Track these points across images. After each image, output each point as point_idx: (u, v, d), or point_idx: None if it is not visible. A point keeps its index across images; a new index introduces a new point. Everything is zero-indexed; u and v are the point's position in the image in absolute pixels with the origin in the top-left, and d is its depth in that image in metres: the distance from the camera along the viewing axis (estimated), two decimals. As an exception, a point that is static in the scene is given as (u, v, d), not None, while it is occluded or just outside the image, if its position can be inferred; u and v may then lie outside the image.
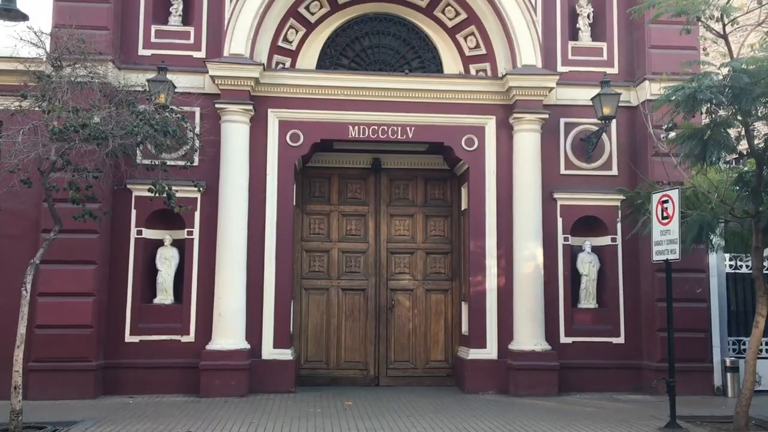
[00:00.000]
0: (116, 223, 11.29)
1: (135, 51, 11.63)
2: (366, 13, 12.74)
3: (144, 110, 9.79)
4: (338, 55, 12.72)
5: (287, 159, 11.78)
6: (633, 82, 12.13)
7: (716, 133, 8.84)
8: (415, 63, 12.78)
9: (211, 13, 11.76)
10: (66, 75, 9.53)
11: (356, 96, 11.89)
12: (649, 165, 11.53)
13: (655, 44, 11.74)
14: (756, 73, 8.41)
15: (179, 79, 11.22)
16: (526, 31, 11.82)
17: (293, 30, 12.32)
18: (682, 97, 8.63)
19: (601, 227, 12.04)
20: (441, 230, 13.14)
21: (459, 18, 12.44)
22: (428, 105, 11.99)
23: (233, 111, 11.40)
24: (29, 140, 9.00)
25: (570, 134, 12.15)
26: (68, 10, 10.80)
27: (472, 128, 12.07)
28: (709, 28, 9.16)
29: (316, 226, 12.99)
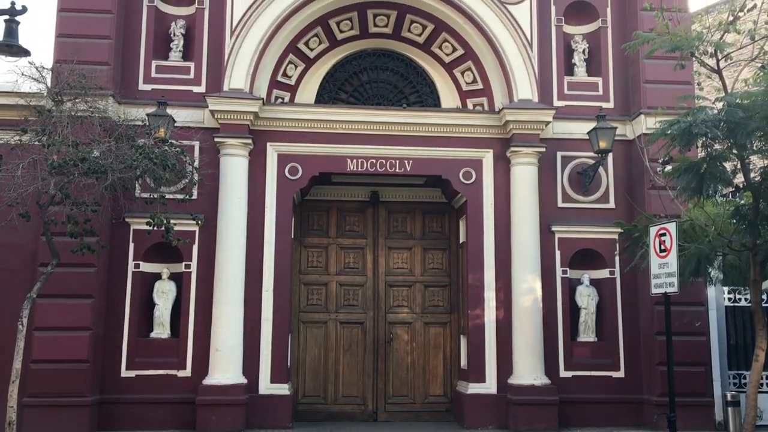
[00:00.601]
0: (114, 257, 11.26)
1: (135, 86, 11.74)
2: (364, 49, 12.91)
3: (143, 144, 9.86)
4: (337, 90, 12.85)
5: (286, 192, 11.82)
6: (629, 116, 12.24)
7: (712, 166, 8.89)
8: (412, 97, 12.90)
9: (212, 49, 11.90)
10: (66, 109, 9.64)
11: (354, 130, 11.98)
12: (646, 198, 11.58)
13: (649, 79, 11.88)
14: (750, 107, 8.50)
15: (179, 114, 11.30)
16: (522, 66, 11.96)
17: (292, 65, 12.46)
18: (677, 131, 8.71)
19: (599, 260, 12.03)
20: (439, 263, 13.12)
21: (456, 53, 12.60)
22: (426, 138, 12.07)
23: (232, 145, 11.47)
24: (28, 174, 9.05)
25: (567, 167, 12.21)
26: (70, 46, 10.92)
27: (469, 161, 12.14)
28: (704, 63, 9.27)
29: (314, 259, 12.98)
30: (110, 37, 11.37)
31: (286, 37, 12.02)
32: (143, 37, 11.87)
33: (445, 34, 12.46)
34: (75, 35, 11.19)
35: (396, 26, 12.63)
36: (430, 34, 12.61)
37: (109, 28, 11.36)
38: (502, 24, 11.99)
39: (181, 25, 12.07)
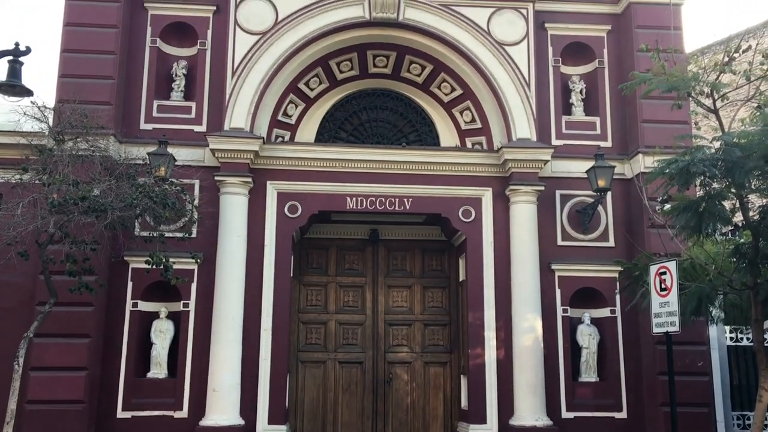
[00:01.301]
0: (112, 296, 11.20)
1: (137, 125, 11.83)
2: (364, 89, 13.04)
3: (144, 183, 9.89)
4: (337, 129, 12.95)
5: (285, 230, 11.81)
6: (627, 155, 12.31)
7: (711, 205, 8.89)
8: (412, 136, 13.00)
9: (213, 89, 12.02)
10: (67, 149, 9.68)
11: (354, 168, 12.03)
12: (646, 236, 11.57)
13: (647, 118, 11.97)
14: (748, 146, 8.54)
15: (180, 153, 11.35)
16: (520, 105, 12.07)
17: (293, 105, 12.58)
18: (675, 170, 8.73)
19: (599, 299, 11.98)
20: (439, 301, 13.06)
21: (455, 93, 12.73)
22: (425, 177, 12.12)
23: (232, 183, 11.50)
24: (28, 213, 9.06)
25: (566, 206, 12.23)
26: (72, 86, 11.03)
27: (469, 200, 12.16)
28: (700, 103, 9.35)
29: (314, 298, 12.91)
30: (113, 78, 11.49)
31: (287, 77, 12.15)
32: (145, 77, 11.99)
33: (444, 74, 12.61)
34: (77, 75, 11.32)
35: (395, 67, 12.78)
36: (429, 75, 12.76)
37: (111, 69, 11.49)
38: (500, 64, 12.14)
39: (183, 65, 12.22)
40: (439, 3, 12.17)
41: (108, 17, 11.62)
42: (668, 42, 10.54)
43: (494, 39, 12.18)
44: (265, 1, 11.99)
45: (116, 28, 11.63)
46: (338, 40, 12.21)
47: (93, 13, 11.60)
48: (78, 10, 11.65)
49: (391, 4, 11.96)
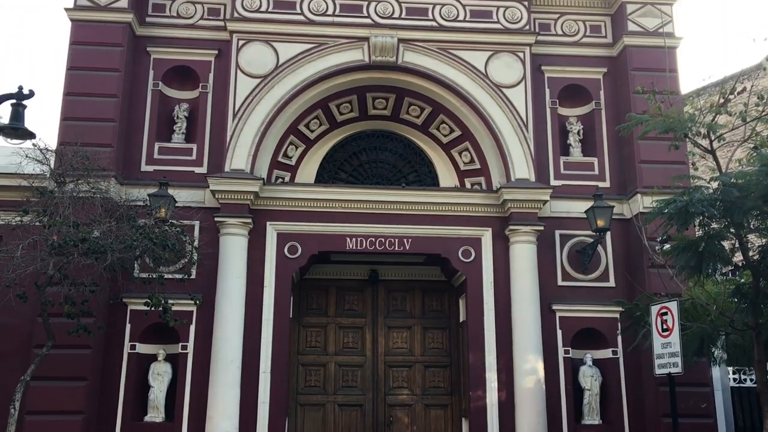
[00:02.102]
0: (110, 338, 11.12)
1: (138, 167, 11.89)
2: (364, 130, 13.17)
3: (144, 224, 9.91)
4: (336, 170, 13.02)
5: (285, 271, 11.79)
6: (625, 195, 12.35)
7: (710, 245, 8.91)
8: (411, 177, 13.07)
9: (214, 131, 12.12)
10: (68, 190, 9.72)
11: (354, 209, 12.06)
12: (646, 277, 11.54)
13: (644, 159, 12.05)
14: (745, 186, 8.60)
15: (180, 194, 11.39)
16: (518, 146, 12.17)
17: (293, 146, 12.68)
18: (674, 210, 8.77)
19: (601, 340, 11.89)
20: (439, 343, 12.96)
21: (453, 135, 12.84)
22: (425, 217, 12.15)
23: (232, 224, 11.52)
24: (28, 255, 9.06)
25: (566, 246, 12.23)
26: (74, 129, 11.12)
27: (468, 240, 12.17)
28: (697, 144, 9.44)
29: (313, 339, 12.82)
30: (114, 120, 11.60)
31: (287, 119, 12.28)
32: (147, 120, 12.11)
33: (442, 116, 12.74)
34: (80, 118, 11.44)
35: (395, 109, 12.93)
36: (428, 116, 12.89)
37: (113, 111, 11.62)
38: (498, 106, 12.27)
39: (184, 108, 12.35)
40: (437, 47, 12.36)
41: (111, 61, 11.79)
42: (664, 84, 10.67)
43: (492, 81, 12.34)
44: (267, 46, 12.18)
45: (119, 72, 11.79)
46: (338, 82, 12.37)
47: (96, 57, 11.78)
48: (81, 55, 11.83)
49: (390, 48, 12.15)
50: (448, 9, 12.58)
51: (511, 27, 12.57)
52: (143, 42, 12.33)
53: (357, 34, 12.27)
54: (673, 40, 12.58)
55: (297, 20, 12.32)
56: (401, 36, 12.25)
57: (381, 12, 12.46)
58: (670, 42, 12.32)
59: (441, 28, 12.48)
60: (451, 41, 12.43)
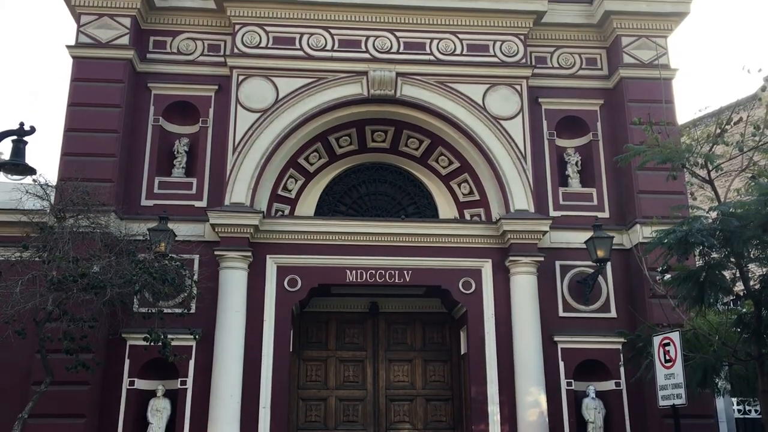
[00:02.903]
0: (108, 374, 11.02)
1: (138, 201, 11.92)
2: (363, 163, 13.23)
3: (144, 259, 9.89)
4: (336, 202, 13.05)
5: (285, 304, 11.74)
6: (624, 225, 12.36)
7: (711, 275, 8.88)
8: (411, 209, 13.09)
9: (214, 165, 12.18)
10: (68, 226, 9.72)
11: (354, 241, 12.06)
12: (647, 307, 11.49)
13: (643, 189, 12.08)
14: (745, 216, 8.61)
15: (180, 228, 11.40)
16: (517, 178, 12.21)
17: (293, 179, 12.72)
18: (674, 240, 8.77)
19: (604, 371, 11.79)
20: (441, 375, 12.85)
21: (452, 166, 12.90)
22: (425, 249, 12.14)
23: (232, 258, 11.50)
24: (27, 290, 9.03)
25: (566, 276, 12.20)
26: (75, 164, 11.19)
27: (468, 271, 12.14)
28: (695, 174, 9.47)
29: (313, 373, 12.72)
30: (115, 155, 11.66)
31: (287, 152, 12.34)
32: (147, 155, 12.17)
33: (441, 148, 12.82)
34: (80, 154, 11.50)
35: (394, 141, 13.01)
36: (426, 148, 12.96)
37: (114, 147, 11.68)
38: (496, 138, 12.35)
39: (184, 142, 12.43)
40: (435, 80, 12.48)
41: (112, 97, 11.89)
42: (660, 115, 10.75)
43: (490, 113, 12.44)
44: (266, 81, 12.29)
45: (119, 108, 11.89)
46: (337, 116, 12.47)
47: (97, 93, 11.88)
48: (83, 91, 11.93)
49: (388, 82, 12.26)
50: (446, 43, 12.73)
51: (507, 60, 12.71)
52: (144, 78, 12.45)
53: (356, 68, 12.40)
54: (668, 72, 12.71)
55: (296, 55, 12.46)
56: (399, 70, 12.38)
57: (379, 47, 12.61)
58: (665, 74, 12.44)
59: (438, 62, 12.62)
60: (449, 74, 12.55)
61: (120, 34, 12.18)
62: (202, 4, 12.61)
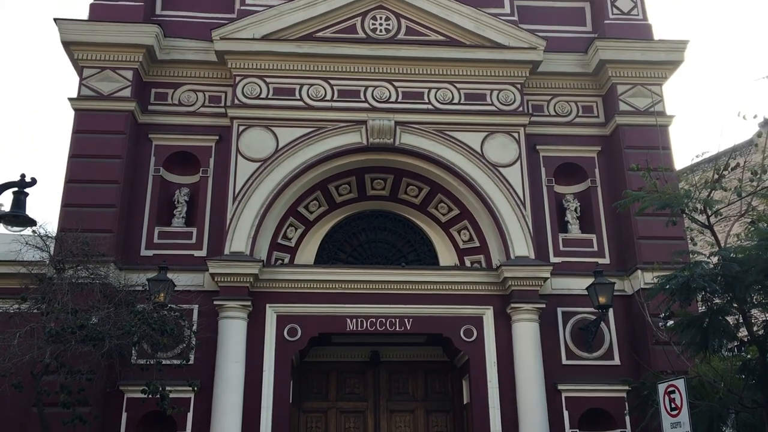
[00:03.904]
0: (106, 427, 10.82)
1: (137, 252, 11.90)
2: (363, 211, 13.26)
3: (143, 309, 9.83)
4: (336, 250, 13.03)
5: (284, 354, 11.61)
6: (625, 271, 12.32)
7: (714, 321, 8.81)
8: (411, 256, 13.06)
9: (214, 214, 12.20)
10: (67, 277, 9.68)
11: (354, 289, 12.01)
12: (651, 354, 11.37)
13: (643, 235, 12.08)
14: (746, 261, 8.58)
15: (179, 278, 11.35)
16: (516, 224, 12.23)
17: (293, 227, 12.73)
18: (675, 285, 8.72)
19: (609, 420, 11.59)
20: (443, 426, 12.65)
21: (452, 213, 12.93)
22: (425, 297, 12.08)
23: (231, 307, 11.43)
24: (24, 343, 8.93)
25: (569, 323, 12.11)
26: (75, 215, 11.20)
27: (470, 319, 12.06)
28: (694, 219, 9.46)
29: (313, 425, 12.51)
30: (115, 206, 11.69)
31: (287, 201, 12.38)
32: (147, 205, 12.21)
33: (440, 195, 12.87)
34: (81, 204, 11.52)
35: (393, 189, 13.07)
36: (426, 196, 13.02)
37: (114, 197, 11.72)
38: (495, 185, 12.41)
39: (185, 192, 12.48)
40: (433, 128, 12.61)
41: (113, 148, 11.98)
42: (658, 161, 10.83)
43: (488, 161, 12.52)
44: (267, 131, 12.41)
45: (120, 159, 11.97)
46: (337, 164, 12.55)
47: (98, 144, 11.98)
48: (84, 143, 12.03)
49: (387, 130, 12.38)
50: (443, 92, 12.90)
51: (504, 108, 12.85)
52: (145, 129, 12.57)
53: (355, 117, 12.54)
54: (664, 119, 12.85)
55: (296, 106, 12.60)
56: (398, 119, 12.52)
57: (378, 96, 12.77)
58: (661, 120, 12.58)
59: (437, 111, 12.76)
60: (447, 123, 12.68)
61: (122, 86, 12.35)
62: (203, 56, 12.82)
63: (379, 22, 13.06)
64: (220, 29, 12.53)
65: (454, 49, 12.94)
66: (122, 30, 12.35)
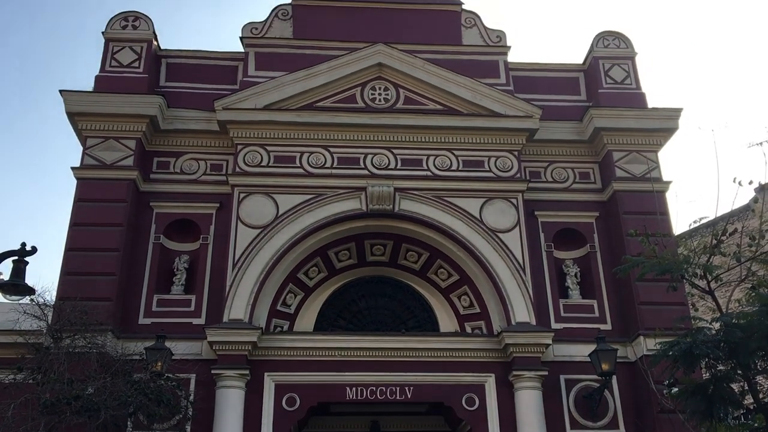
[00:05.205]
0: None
1: (135, 320, 11.83)
2: (362, 277, 13.23)
3: (139, 379, 9.70)
4: (336, 317, 12.95)
5: (283, 425, 11.40)
6: (627, 337, 12.20)
7: (719, 388, 8.69)
8: (411, 322, 12.97)
9: (213, 281, 12.17)
10: (64, 346, 9.60)
11: (354, 357, 11.87)
12: (657, 422, 11.15)
13: (644, 300, 12.01)
14: (748, 327, 8.52)
15: (177, 346, 11.21)
16: (517, 290, 12.18)
17: (292, 294, 12.69)
18: (678, 352, 8.63)
19: (616, 492, 11.28)
20: (446, 501, 12.28)
21: (452, 279, 12.90)
22: (426, 364, 11.92)
23: (229, 376, 11.27)
24: (19, 414, 8.78)
25: (572, 391, 11.92)
26: (74, 283, 11.18)
27: (471, 387, 11.88)
28: (695, 285, 9.45)
29: (313, 499, 12.16)
30: (115, 274, 11.67)
31: (287, 267, 12.37)
32: (147, 273, 12.19)
33: (440, 260, 12.87)
34: (80, 273, 11.50)
35: (393, 255, 13.08)
36: (425, 262, 13.02)
37: (114, 266, 11.71)
38: (494, 250, 12.42)
39: (184, 259, 12.48)
40: (432, 195, 12.71)
41: (114, 216, 12.05)
42: (656, 226, 10.87)
43: (487, 226, 12.58)
44: (267, 198, 12.51)
45: (121, 227, 12.02)
46: (336, 231, 12.60)
47: (100, 213, 12.04)
48: (85, 211, 12.10)
49: (386, 197, 12.49)
50: (442, 159, 13.06)
51: (502, 175, 12.99)
52: (146, 197, 12.67)
53: (355, 184, 12.66)
54: (661, 185, 12.96)
55: (297, 173, 12.75)
56: (397, 185, 12.64)
57: (377, 163, 12.93)
58: (658, 186, 12.69)
59: (435, 177, 12.89)
60: (446, 189, 12.80)
61: (125, 155, 12.52)
62: (206, 126, 13.05)
63: (378, 92, 13.35)
64: (222, 99, 12.79)
65: (452, 118, 13.19)
66: (126, 101, 12.61)
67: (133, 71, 13.13)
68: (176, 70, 13.81)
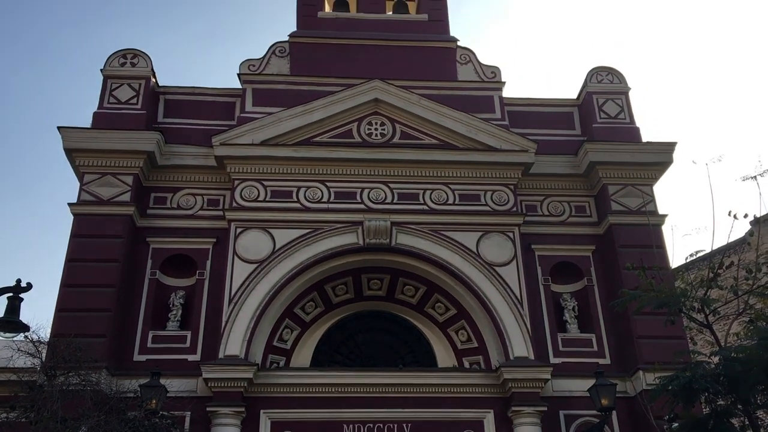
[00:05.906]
0: None
1: (130, 356, 11.72)
2: (359, 311, 13.16)
3: (134, 417, 9.57)
4: (333, 352, 12.85)
5: (279, 463, 11.22)
6: (626, 372, 12.10)
7: (720, 423, 8.58)
8: (408, 357, 12.87)
9: (209, 316, 12.10)
10: (58, 384, 9.48)
11: (351, 393, 11.76)
12: (658, 458, 10.99)
13: (642, 334, 11.96)
14: (747, 360, 8.45)
15: (172, 383, 11.08)
16: (514, 324, 12.12)
17: (288, 329, 12.60)
18: (678, 386, 8.55)
19: None
20: None
21: (449, 313, 12.84)
22: (424, 400, 11.81)
23: (225, 414, 11.15)
24: (10, 456, 8.64)
25: (572, 426, 11.79)
26: (70, 320, 11.09)
27: (470, 423, 11.76)
28: (693, 318, 9.41)
29: None
30: (110, 310, 11.60)
31: (283, 302, 12.31)
32: (142, 309, 12.13)
33: (437, 295, 12.83)
34: (75, 309, 11.42)
35: (390, 289, 13.04)
36: (423, 296, 12.97)
37: (109, 302, 11.65)
38: (491, 284, 12.39)
39: (180, 295, 12.43)
40: (429, 229, 12.72)
41: (110, 252, 12.02)
42: (652, 259, 10.84)
43: (484, 260, 12.56)
44: (263, 232, 12.51)
45: (117, 263, 11.98)
46: (333, 265, 12.58)
47: (96, 248, 12.02)
48: (82, 247, 12.07)
49: (383, 231, 12.49)
50: (438, 193, 13.10)
51: (498, 209, 13.02)
52: (143, 232, 12.66)
53: (351, 218, 12.67)
54: (656, 218, 13.00)
55: (293, 207, 12.76)
56: (394, 219, 12.65)
57: (374, 198, 12.96)
58: (653, 220, 12.72)
59: (432, 211, 12.92)
60: (443, 223, 12.81)
61: (122, 191, 12.53)
62: (203, 161, 13.10)
63: (375, 127, 13.45)
64: (220, 135, 12.86)
65: (448, 152, 13.26)
66: (124, 137, 12.67)
67: (131, 108, 13.23)
68: (174, 106, 13.92)
